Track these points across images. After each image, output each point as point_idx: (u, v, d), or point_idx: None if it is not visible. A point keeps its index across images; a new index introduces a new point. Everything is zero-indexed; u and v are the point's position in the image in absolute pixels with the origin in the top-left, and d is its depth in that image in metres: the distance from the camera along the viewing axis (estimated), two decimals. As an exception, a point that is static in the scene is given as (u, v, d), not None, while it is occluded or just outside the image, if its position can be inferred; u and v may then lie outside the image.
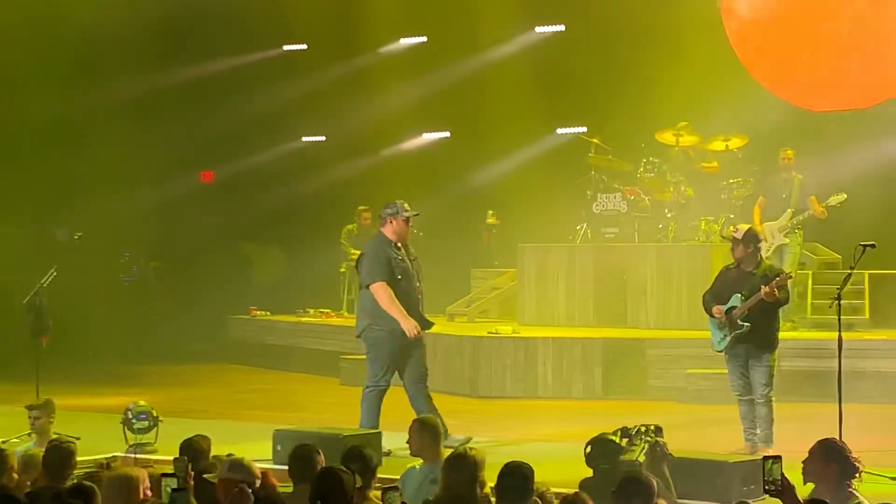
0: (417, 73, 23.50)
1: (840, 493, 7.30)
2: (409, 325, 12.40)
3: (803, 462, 7.52)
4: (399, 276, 12.57)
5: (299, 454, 8.00)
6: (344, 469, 7.27)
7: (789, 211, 17.16)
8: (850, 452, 7.47)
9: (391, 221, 12.64)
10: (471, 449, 7.93)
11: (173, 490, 6.98)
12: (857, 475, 7.47)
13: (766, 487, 6.84)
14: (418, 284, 12.67)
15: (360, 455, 8.19)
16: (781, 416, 12.35)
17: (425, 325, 12.70)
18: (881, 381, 15.54)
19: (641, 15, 20.50)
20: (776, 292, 11.94)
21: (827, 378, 13.20)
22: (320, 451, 8.01)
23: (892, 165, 18.72)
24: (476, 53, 22.43)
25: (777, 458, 6.85)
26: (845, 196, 16.88)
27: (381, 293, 12.45)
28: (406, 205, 12.73)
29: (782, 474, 6.84)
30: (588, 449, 8.21)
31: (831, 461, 7.42)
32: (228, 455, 7.99)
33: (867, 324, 17.13)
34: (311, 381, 18.98)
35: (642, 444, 7.91)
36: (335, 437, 11.03)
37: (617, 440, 8.68)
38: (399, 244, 12.66)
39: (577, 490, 7.39)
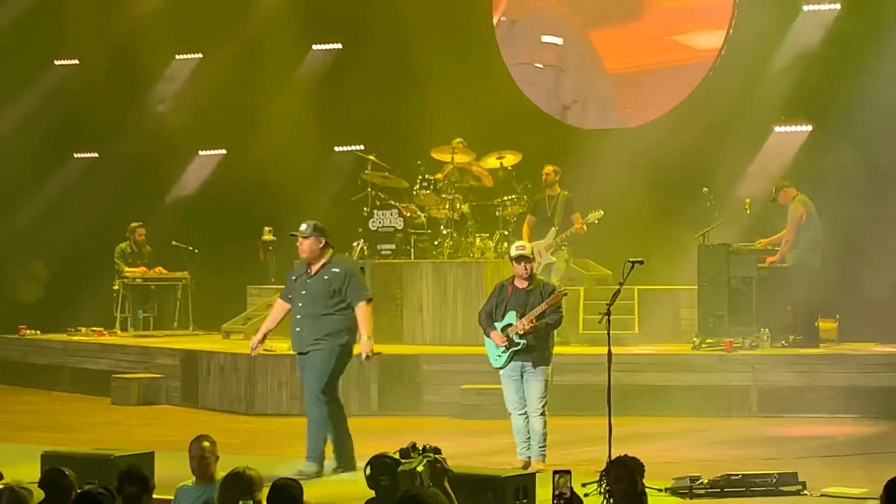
0: (195, 89, 23.32)
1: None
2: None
3: (598, 480, 7.61)
4: (290, 295, 12.63)
5: (48, 477, 7.74)
6: (104, 492, 7.06)
7: (553, 229, 17.61)
8: (643, 467, 7.56)
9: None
10: (248, 469, 7.86)
11: None
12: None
13: (556, 502, 6.93)
14: (300, 305, 12.53)
15: (138, 476, 8.03)
16: (554, 429, 12.55)
17: (294, 345, 12.63)
18: (649, 393, 15.93)
19: (418, 33, 20.68)
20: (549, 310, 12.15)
21: (597, 392, 13.48)
22: (67, 472, 7.74)
23: (660, 182, 19.22)
24: (253, 70, 22.32)
25: (566, 472, 6.96)
26: (602, 212, 17.38)
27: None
28: (303, 225, 12.61)
29: (571, 488, 6.94)
30: (367, 469, 8.22)
31: (624, 478, 7.51)
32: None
33: (637, 338, 17.55)
34: (81, 401, 18.61)
35: (418, 458, 7.94)
36: (106, 459, 10.81)
37: (393, 455, 8.71)
38: (309, 263, 12.56)
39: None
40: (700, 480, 10.97)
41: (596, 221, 17.38)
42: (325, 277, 12.48)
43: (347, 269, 12.58)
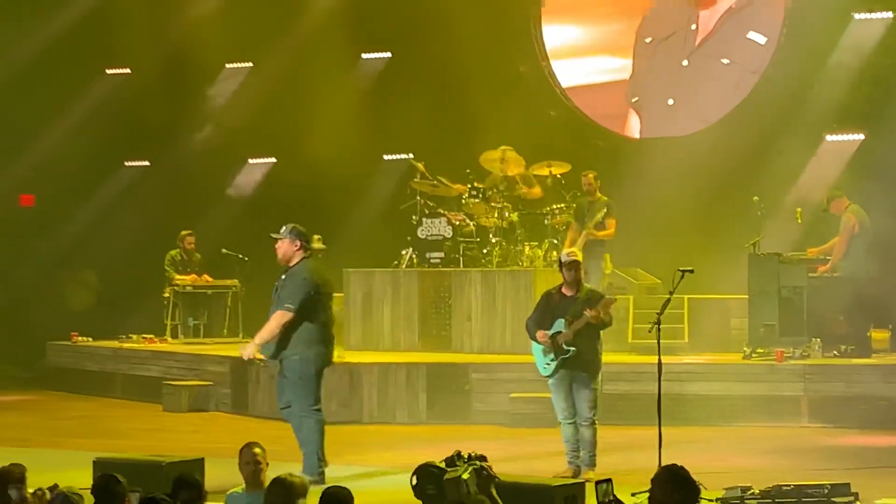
0: (243, 98, 23.44)
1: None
2: None
3: (650, 489, 7.60)
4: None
5: (100, 484, 7.77)
6: (165, 498, 7.13)
7: (584, 233, 17.67)
8: (692, 477, 7.55)
9: None
10: (292, 475, 7.88)
11: None
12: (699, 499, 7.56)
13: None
14: (272, 307, 12.54)
15: (192, 483, 8.08)
16: (604, 439, 12.52)
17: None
18: (700, 403, 15.87)
19: (467, 42, 20.70)
20: (601, 315, 12.12)
21: (647, 401, 13.45)
22: (121, 478, 7.78)
23: (710, 190, 19.16)
24: (303, 79, 22.39)
25: (608, 481, 6.93)
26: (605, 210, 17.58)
27: None
28: (283, 227, 12.58)
29: (614, 496, 6.92)
30: (413, 480, 8.22)
31: (678, 488, 7.50)
32: (53, 486, 7.79)
33: (687, 347, 17.48)
34: (133, 408, 18.71)
35: (465, 466, 7.93)
36: (157, 465, 10.86)
37: (439, 464, 8.71)
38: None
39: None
40: (751, 491, 10.89)
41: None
42: (282, 278, 12.51)
43: (293, 274, 12.40)
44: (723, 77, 20.54)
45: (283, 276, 12.49)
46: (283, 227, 12.50)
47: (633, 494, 8.69)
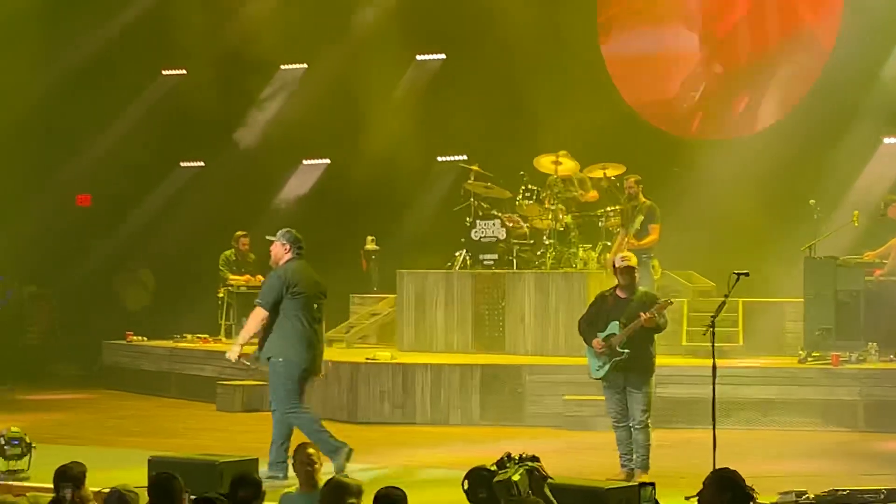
0: (298, 99, 23.53)
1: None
2: None
3: (699, 492, 7.58)
4: None
5: (157, 482, 7.82)
6: (220, 497, 7.16)
7: (626, 242, 17.40)
8: (744, 481, 7.52)
9: None
10: (346, 476, 7.91)
11: None
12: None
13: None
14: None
15: (251, 481, 8.13)
16: (657, 442, 12.47)
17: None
18: (754, 407, 15.79)
19: (522, 43, 20.69)
20: (656, 318, 12.07)
21: (701, 404, 13.38)
22: (178, 477, 7.83)
23: (766, 193, 19.06)
24: (357, 80, 22.44)
25: (651, 484, 6.91)
26: (642, 217, 17.22)
27: None
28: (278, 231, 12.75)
29: (656, 500, 6.90)
30: (465, 484, 8.22)
31: (726, 491, 7.46)
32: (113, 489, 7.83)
33: (741, 351, 17.38)
34: (187, 407, 18.80)
35: (514, 467, 7.91)
36: (211, 464, 10.91)
37: (490, 468, 8.69)
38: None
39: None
40: (806, 495, 10.81)
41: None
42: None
43: (270, 275, 12.64)
44: (781, 79, 20.42)
45: None
46: (279, 231, 12.67)
47: (686, 498, 8.63)
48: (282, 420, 12.36)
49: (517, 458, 8.06)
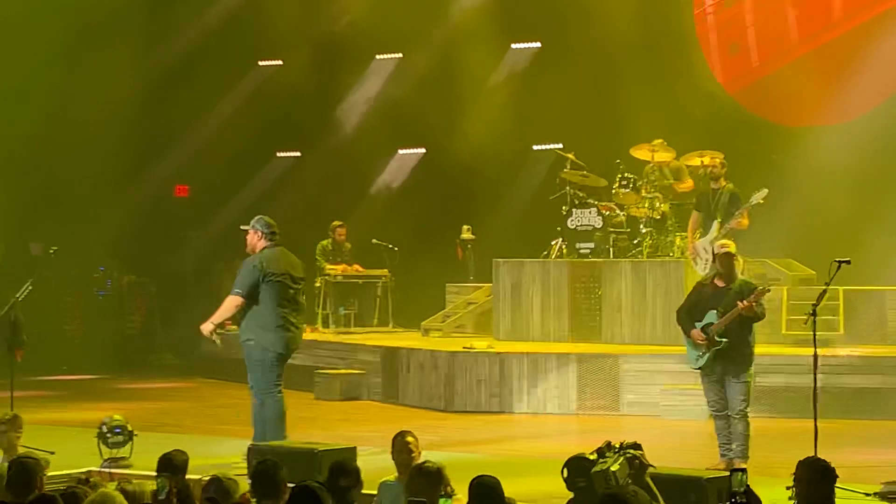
0: (390, 88, 23.58)
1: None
2: None
3: (794, 480, 7.51)
4: None
5: (261, 469, 7.85)
6: (318, 485, 7.18)
7: (716, 223, 16.63)
8: (833, 469, 7.45)
9: None
10: (430, 462, 8.01)
11: None
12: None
13: (732, 500, 6.81)
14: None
15: (351, 469, 8.18)
16: (756, 431, 12.36)
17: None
18: (856, 396, 15.60)
19: (618, 32, 20.57)
20: (754, 307, 11.95)
21: (801, 393, 13.24)
22: (281, 465, 7.85)
23: (867, 180, 18.82)
24: (452, 69, 22.45)
25: (742, 471, 6.84)
26: (766, 191, 16.26)
27: None
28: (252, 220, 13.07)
29: (748, 486, 6.83)
30: (564, 472, 8.20)
31: (814, 479, 7.41)
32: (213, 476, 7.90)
33: (842, 339, 17.17)
34: (286, 396, 18.85)
35: (614, 457, 7.88)
36: (311, 452, 10.98)
37: (590, 457, 8.67)
38: None
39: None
40: (910, 485, 10.68)
41: (762, 201, 16.34)
42: None
43: (246, 262, 12.85)
44: (880, 65, 20.12)
45: None
46: (252, 219, 13.00)
47: (787, 488, 8.56)
48: (255, 402, 12.80)
49: (617, 446, 8.03)
